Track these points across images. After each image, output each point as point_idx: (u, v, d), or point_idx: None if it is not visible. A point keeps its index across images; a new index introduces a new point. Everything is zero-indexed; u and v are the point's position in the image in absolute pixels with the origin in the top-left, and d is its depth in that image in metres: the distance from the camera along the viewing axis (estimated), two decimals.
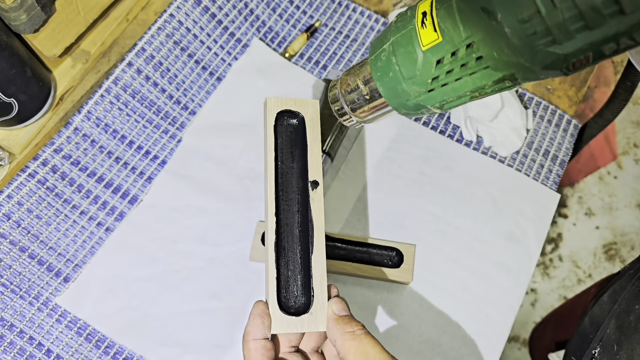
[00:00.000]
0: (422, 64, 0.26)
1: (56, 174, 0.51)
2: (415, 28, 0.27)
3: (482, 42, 0.24)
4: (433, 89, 0.27)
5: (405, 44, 0.27)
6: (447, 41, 0.25)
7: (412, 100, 0.29)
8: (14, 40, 0.46)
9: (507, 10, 0.22)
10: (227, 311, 0.48)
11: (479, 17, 0.23)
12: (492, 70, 0.24)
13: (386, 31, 0.29)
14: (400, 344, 0.49)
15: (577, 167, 1.34)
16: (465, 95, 0.27)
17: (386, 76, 0.29)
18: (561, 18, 0.20)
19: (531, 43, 0.22)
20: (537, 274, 1.28)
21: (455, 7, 0.24)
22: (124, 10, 0.56)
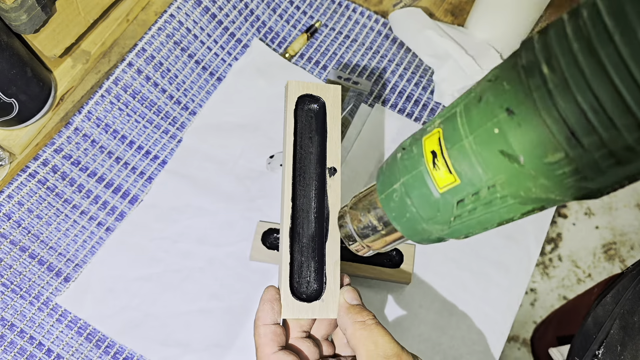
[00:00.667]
0: (441, 206, 0.24)
1: (56, 174, 0.51)
2: (426, 169, 0.24)
3: (506, 183, 0.21)
4: (455, 226, 0.25)
5: (418, 186, 0.25)
6: (466, 183, 0.23)
7: (434, 235, 0.27)
8: (15, 40, 0.46)
9: (530, 154, 0.20)
10: (228, 311, 0.48)
11: (499, 161, 0.21)
12: (519, 205, 0.22)
13: (392, 167, 0.27)
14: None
15: None
16: (491, 226, 0.25)
17: (402, 217, 0.26)
18: (591, 159, 0.19)
19: (561, 181, 0.20)
20: (536, 273, 1.28)
21: (468, 148, 0.22)
22: (125, 10, 0.56)
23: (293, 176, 0.35)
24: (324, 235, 0.35)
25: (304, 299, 0.33)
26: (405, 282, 0.50)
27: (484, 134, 0.21)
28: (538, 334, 0.73)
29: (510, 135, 0.20)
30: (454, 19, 0.64)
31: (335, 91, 0.37)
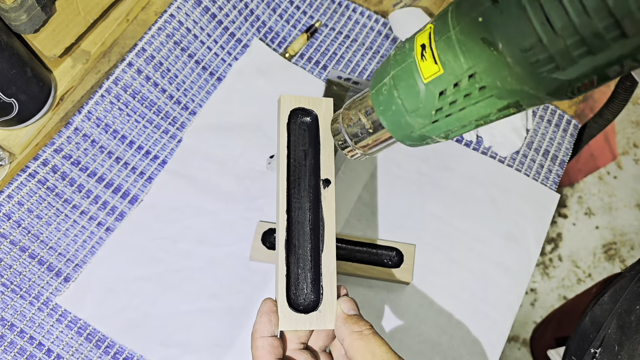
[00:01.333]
0: (424, 97, 0.26)
1: (56, 174, 0.51)
2: (415, 61, 0.26)
3: (485, 72, 0.23)
4: (437, 120, 0.27)
5: (406, 78, 0.27)
6: (449, 73, 0.25)
7: (416, 132, 0.28)
8: (14, 40, 0.46)
9: (508, 40, 0.22)
10: (228, 311, 0.48)
11: (480, 48, 0.23)
12: (496, 99, 0.24)
13: (385, 64, 0.29)
14: (399, 343, 0.49)
15: (577, 167, 1.34)
16: (470, 124, 0.27)
17: (389, 110, 0.28)
18: (563, 45, 0.20)
19: (534, 71, 0.22)
20: (536, 273, 1.28)
21: (454, 38, 0.24)
22: (124, 10, 0.56)
23: (287, 188, 0.36)
24: (320, 246, 0.35)
25: (301, 311, 0.33)
26: (406, 282, 0.50)
27: (469, 23, 0.23)
28: (537, 334, 0.73)
29: (492, 22, 0.22)
30: None
31: (327, 104, 0.38)
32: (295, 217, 0.36)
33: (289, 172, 0.36)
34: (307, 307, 0.34)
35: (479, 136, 0.58)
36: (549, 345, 0.64)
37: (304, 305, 0.34)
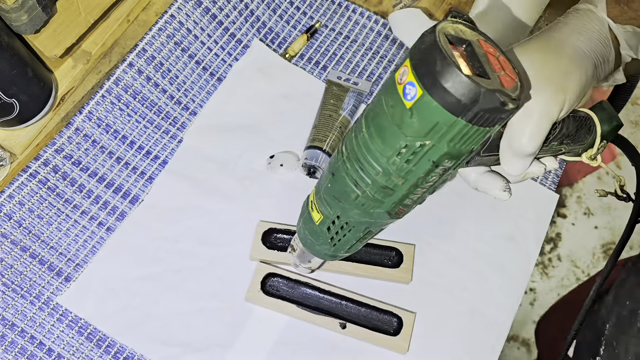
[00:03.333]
0: (319, 232, 0.39)
1: (57, 174, 0.51)
2: (309, 213, 0.39)
3: (342, 214, 0.36)
4: (335, 244, 0.39)
5: (308, 223, 0.40)
6: (326, 217, 0.37)
7: (328, 253, 0.40)
8: (15, 41, 0.46)
9: (344, 198, 0.34)
10: (228, 311, 0.48)
11: (334, 202, 0.36)
12: (356, 228, 0.37)
13: (298, 218, 0.42)
14: None
15: (576, 167, 1.34)
16: (354, 244, 0.39)
17: (306, 243, 0.41)
18: (371, 194, 0.33)
19: (367, 210, 0.34)
20: (535, 273, 1.28)
21: (323, 197, 0.37)
22: (125, 11, 0.56)
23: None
24: None
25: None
26: (405, 282, 0.50)
27: (325, 187, 0.37)
28: (542, 325, 0.73)
29: (333, 187, 0.36)
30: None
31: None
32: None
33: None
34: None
35: None
36: (554, 336, 0.65)
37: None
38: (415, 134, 0.29)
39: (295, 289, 0.49)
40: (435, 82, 0.27)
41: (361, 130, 0.32)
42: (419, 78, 0.28)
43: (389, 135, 0.30)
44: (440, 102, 0.27)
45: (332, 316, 0.48)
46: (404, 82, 0.29)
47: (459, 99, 0.27)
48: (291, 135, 0.56)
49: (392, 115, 0.30)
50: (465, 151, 0.30)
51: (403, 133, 0.29)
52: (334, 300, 0.49)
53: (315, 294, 0.49)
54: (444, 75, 0.27)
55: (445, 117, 0.28)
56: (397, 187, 0.32)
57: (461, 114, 0.27)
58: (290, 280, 0.49)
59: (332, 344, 0.48)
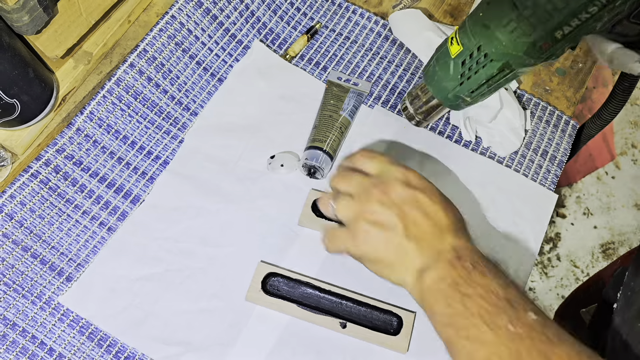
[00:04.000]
0: (452, 67, 0.42)
1: (59, 174, 0.52)
2: (447, 47, 0.42)
3: (486, 44, 0.39)
4: (462, 82, 0.42)
5: (442, 57, 0.43)
6: (466, 48, 0.41)
7: (451, 92, 0.44)
8: (17, 41, 0.46)
9: (495, 22, 0.38)
10: (229, 310, 0.49)
11: (481, 30, 0.39)
12: (495, 62, 0.39)
13: (431, 56, 0.45)
14: None
15: (576, 167, 1.35)
16: (482, 84, 0.41)
17: (432, 80, 0.44)
18: (525, 19, 0.35)
19: (512, 38, 0.37)
20: (535, 273, 1.28)
21: (468, 28, 0.40)
22: (126, 11, 0.56)
23: None
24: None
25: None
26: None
27: (475, 17, 0.40)
28: (560, 310, 0.74)
29: (486, 14, 0.39)
30: (453, 20, 0.64)
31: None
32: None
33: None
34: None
35: (478, 136, 0.58)
36: (574, 319, 0.64)
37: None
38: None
39: (295, 289, 0.49)
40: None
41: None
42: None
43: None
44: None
45: (332, 316, 0.48)
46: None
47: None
48: (291, 136, 0.56)
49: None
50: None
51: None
52: (334, 300, 0.49)
53: (315, 294, 0.49)
54: None
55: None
56: (556, 12, 0.35)
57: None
58: (290, 280, 0.49)
59: (332, 344, 0.48)
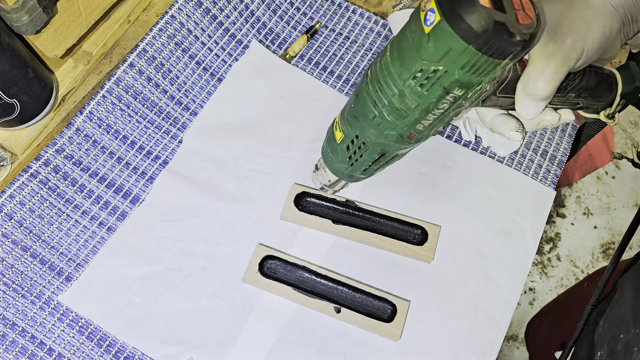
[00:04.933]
0: (339, 151, 0.42)
1: (58, 174, 0.52)
2: (333, 132, 0.43)
3: (361, 134, 0.39)
4: (352, 163, 0.42)
5: (330, 140, 0.43)
6: (347, 136, 0.41)
7: (344, 172, 0.44)
8: (16, 41, 0.46)
9: (363, 117, 0.38)
10: (229, 309, 0.49)
11: (354, 121, 0.39)
12: (372, 149, 0.40)
13: (326, 134, 0.45)
14: (398, 341, 0.49)
15: (575, 167, 1.35)
16: (370, 165, 0.42)
17: (327, 160, 0.45)
18: (386, 115, 0.36)
19: (380, 130, 0.37)
20: (535, 273, 1.28)
21: (345, 117, 0.40)
22: (126, 11, 0.57)
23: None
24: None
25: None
26: (427, 260, 0.51)
27: (348, 108, 0.41)
28: (532, 328, 0.74)
29: (355, 107, 0.39)
30: None
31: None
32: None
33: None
34: None
35: (477, 136, 0.58)
36: (545, 339, 0.65)
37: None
38: (430, 59, 0.32)
39: (292, 272, 0.50)
40: (453, 9, 0.30)
41: (385, 54, 0.35)
42: (440, 5, 0.31)
43: (407, 58, 0.33)
44: (454, 29, 0.30)
45: (328, 300, 0.48)
46: (427, 9, 0.32)
47: (470, 27, 0.29)
48: (290, 136, 0.56)
49: (413, 39, 0.33)
50: (475, 82, 0.33)
51: (420, 57, 0.32)
52: (329, 285, 0.49)
53: (311, 278, 0.50)
54: (461, 4, 0.29)
55: (458, 43, 0.30)
56: (410, 111, 0.35)
57: (472, 41, 0.30)
58: (287, 264, 0.50)
59: (333, 343, 0.48)
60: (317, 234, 0.52)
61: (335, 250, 0.52)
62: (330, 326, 0.49)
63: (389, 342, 0.49)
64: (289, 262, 0.50)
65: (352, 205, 0.52)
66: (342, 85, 0.59)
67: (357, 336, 0.49)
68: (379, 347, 0.48)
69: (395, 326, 0.48)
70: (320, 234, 0.52)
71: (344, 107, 0.42)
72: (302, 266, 0.50)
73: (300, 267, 0.50)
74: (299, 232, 0.52)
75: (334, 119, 0.44)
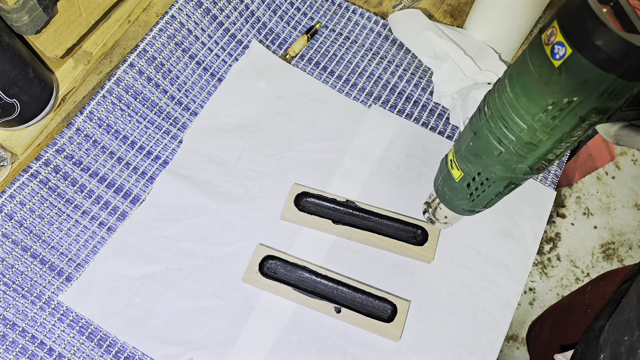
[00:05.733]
0: (459, 189, 0.41)
1: (58, 174, 0.52)
2: (449, 170, 0.42)
3: (484, 170, 0.38)
4: (473, 199, 0.41)
5: (447, 179, 0.42)
6: (467, 174, 0.40)
7: (466, 208, 0.43)
8: (16, 41, 0.46)
9: (487, 155, 0.37)
10: (229, 309, 0.49)
11: (476, 159, 0.38)
12: (497, 184, 0.39)
13: (437, 176, 0.45)
14: (398, 341, 0.49)
15: (575, 167, 1.35)
16: (493, 198, 0.40)
17: (444, 199, 0.44)
18: (514, 151, 0.35)
19: (507, 166, 0.36)
20: (535, 273, 1.28)
21: (464, 155, 0.39)
22: (126, 11, 0.57)
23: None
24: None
25: None
26: (427, 261, 0.51)
27: (466, 146, 0.39)
28: (534, 332, 0.73)
29: (475, 145, 0.38)
30: (453, 20, 0.64)
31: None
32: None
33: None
34: None
35: None
36: (546, 343, 0.64)
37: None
38: (563, 91, 0.31)
39: (292, 273, 0.50)
40: (587, 40, 0.28)
41: (505, 90, 0.34)
42: (568, 38, 0.29)
43: (534, 94, 0.32)
44: (591, 59, 0.29)
45: (328, 300, 0.48)
46: (552, 42, 0.30)
47: (609, 54, 0.28)
48: (290, 136, 0.56)
49: (540, 74, 0.31)
50: (613, 106, 0.31)
51: (551, 91, 0.31)
52: (330, 285, 0.49)
53: (312, 278, 0.50)
54: (595, 33, 0.28)
55: (596, 73, 0.29)
56: (542, 143, 0.34)
57: (612, 69, 0.29)
58: (288, 264, 0.50)
59: (333, 343, 0.48)
60: (317, 234, 0.52)
61: (335, 250, 0.52)
62: (330, 326, 0.49)
63: (389, 342, 0.49)
64: (289, 262, 0.50)
65: (352, 205, 0.52)
66: (342, 85, 0.59)
67: (357, 336, 0.49)
68: (379, 347, 0.48)
69: (396, 326, 0.48)
70: (320, 234, 0.52)
71: (457, 144, 0.41)
72: (302, 266, 0.50)
73: (301, 267, 0.50)
74: (299, 232, 0.52)
75: (445, 155, 0.43)
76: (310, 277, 0.50)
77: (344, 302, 0.49)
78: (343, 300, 0.49)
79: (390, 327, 0.48)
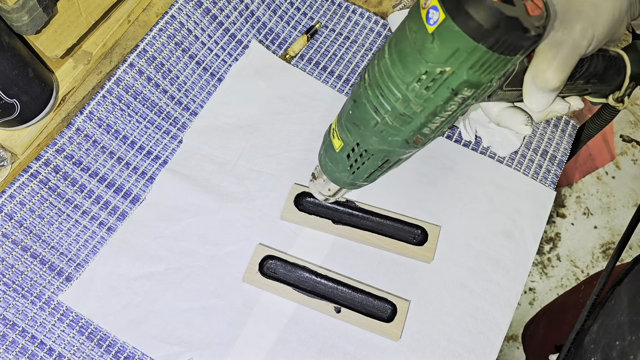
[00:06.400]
0: (339, 160, 0.40)
1: (58, 174, 0.52)
2: (330, 140, 0.40)
3: (362, 141, 0.37)
4: (354, 172, 0.40)
5: (329, 150, 0.40)
6: (347, 144, 0.38)
7: (347, 181, 0.41)
8: (16, 41, 0.46)
9: (364, 124, 0.35)
10: (229, 309, 0.49)
11: (354, 128, 0.36)
12: (375, 157, 0.38)
13: (322, 143, 0.43)
14: (398, 341, 0.49)
15: (575, 167, 1.35)
16: (373, 172, 0.40)
17: (326, 170, 0.42)
18: (390, 122, 0.34)
19: (383, 137, 0.35)
20: (535, 273, 1.28)
21: (343, 124, 0.37)
22: (126, 11, 0.57)
23: None
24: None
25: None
26: (426, 261, 0.51)
27: (346, 115, 0.38)
28: (529, 331, 0.74)
29: (354, 113, 0.37)
30: None
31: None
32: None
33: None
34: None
35: (477, 136, 0.58)
36: (541, 342, 0.65)
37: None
38: (436, 60, 0.29)
39: (292, 272, 0.50)
40: (459, 5, 0.27)
41: (383, 57, 0.32)
42: (443, 2, 0.28)
43: (410, 61, 0.31)
44: (462, 27, 0.28)
45: (328, 300, 0.49)
46: (428, 7, 0.29)
47: (480, 24, 0.27)
48: (290, 136, 0.56)
49: (414, 40, 0.30)
50: (485, 80, 0.30)
51: (424, 59, 0.30)
52: (329, 285, 0.50)
53: (311, 278, 0.50)
54: (468, 0, 0.27)
55: (466, 42, 0.28)
56: (416, 115, 0.33)
57: (482, 39, 0.28)
58: (287, 264, 0.50)
59: (333, 343, 0.48)
60: (317, 234, 0.52)
61: (335, 250, 0.52)
62: (330, 326, 0.49)
63: (389, 342, 0.49)
64: (289, 262, 0.50)
65: (352, 205, 0.52)
66: (342, 85, 0.59)
67: (357, 336, 0.49)
68: (379, 347, 0.48)
69: (396, 326, 0.48)
70: (320, 234, 0.52)
71: (340, 112, 0.39)
72: (302, 266, 0.50)
73: (300, 267, 0.50)
74: (299, 232, 0.52)
75: (329, 125, 0.41)
76: (310, 277, 0.50)
77: (344, 302, 0.49)
78: (343, 300, 0.49)
79: (390, 327, 0.48)
